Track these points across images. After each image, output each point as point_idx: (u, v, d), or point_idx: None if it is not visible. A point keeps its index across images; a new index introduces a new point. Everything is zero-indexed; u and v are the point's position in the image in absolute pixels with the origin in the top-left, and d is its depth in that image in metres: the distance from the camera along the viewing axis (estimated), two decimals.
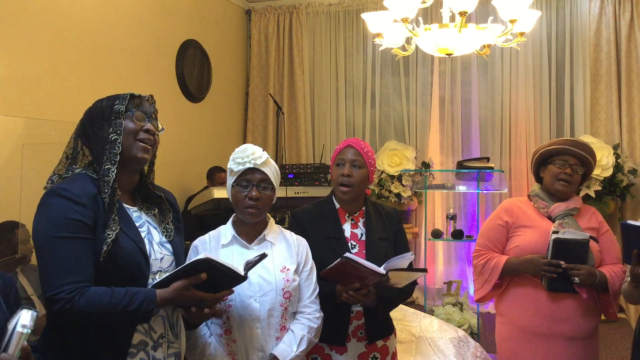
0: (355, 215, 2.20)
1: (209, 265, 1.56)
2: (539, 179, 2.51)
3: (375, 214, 2.22)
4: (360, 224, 2.19)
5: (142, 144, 1.64)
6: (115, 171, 1.59)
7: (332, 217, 2.18)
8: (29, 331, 1.26)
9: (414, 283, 2.19)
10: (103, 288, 1.52)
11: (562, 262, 2.22)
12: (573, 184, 2.39)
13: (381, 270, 1.88)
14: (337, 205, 2.21)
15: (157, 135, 1.70)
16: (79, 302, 1.48)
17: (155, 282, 1.61)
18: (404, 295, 2.19)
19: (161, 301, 1.56)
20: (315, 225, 2.16)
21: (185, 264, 1.59)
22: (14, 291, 1.46)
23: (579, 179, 2.41)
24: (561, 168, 2.39)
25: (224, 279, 1.63)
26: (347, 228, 2.17)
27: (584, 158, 2.38)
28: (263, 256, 1.77)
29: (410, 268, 1.98)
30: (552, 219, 2.39)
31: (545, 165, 2.46)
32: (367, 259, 1.96)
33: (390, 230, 2.21)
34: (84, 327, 1.53)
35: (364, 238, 2.16)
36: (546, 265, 2.25)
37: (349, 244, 2.14)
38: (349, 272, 1.89)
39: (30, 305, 1.38)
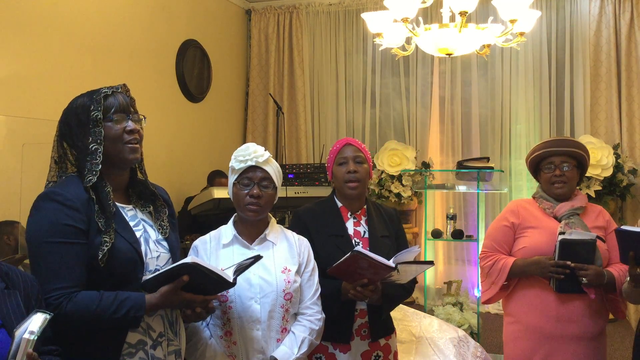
0: (357, 213, 2.21)
1: (196, 269, 1.54)
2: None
3: (376, 212, 2.24)
4: (362, 221, 2.20)
5: (130, 145, 1.62)
6: (94, 180, 1.56)
7: (335, 215, 2.19)
8: (36, 337, 1.25)
9: (414, 281, 2.19)
10: (92, 293, 1.51)
11: (570, 263, 2.21)
12: (569, 181, 2.37)
13: (390, 263, 1.88)
14: (339, 204, 2.22)
15: (142, 129, 1.66)
16: (66, 308, 1.48)
17: (144, 280, 1.59)
18: (406, 293, 2.19)
19: (149, 307, 1.55)
20: (319, 223, 2.16)
21: (172, 265, 1.57)
22: (36, 293, 1.45)
23: (573, 175, 2.38)
24: (549, 172, 2.38)
25: (210, 283, 1.61)
26: (349, 226, 2.18)
27: (570, 152, 2.36)
28: (257, 258, 1.75)
29: (418, 261, 1.99)
30: (558, 219, 2.37)
31: (538, 173, 2.46)
32: None
33: (392, 229, 2.23)
34: (75, 328, 1.52)
35: (367, 235, 2.17)
36: (553, 266, 2.24)
37: (353, 241, 2.14)
38: (357, 267, 1.89)
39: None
